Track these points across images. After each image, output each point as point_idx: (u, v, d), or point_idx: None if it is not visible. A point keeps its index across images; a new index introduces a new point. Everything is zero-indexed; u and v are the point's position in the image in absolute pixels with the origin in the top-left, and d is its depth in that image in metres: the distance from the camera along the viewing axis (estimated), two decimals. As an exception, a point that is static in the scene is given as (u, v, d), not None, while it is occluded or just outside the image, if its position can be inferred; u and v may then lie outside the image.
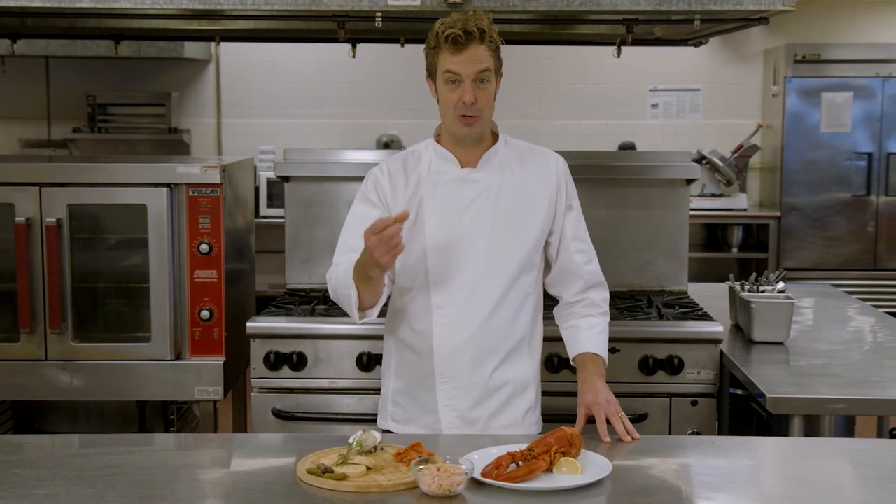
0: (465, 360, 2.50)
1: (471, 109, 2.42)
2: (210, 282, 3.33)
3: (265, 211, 6.54)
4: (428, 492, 1.97)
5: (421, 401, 2.56)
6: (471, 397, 2.52)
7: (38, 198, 3.30)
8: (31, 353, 3.34)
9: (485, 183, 2.51)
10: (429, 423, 2.55)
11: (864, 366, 3.08)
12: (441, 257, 2.49)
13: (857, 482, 2.16)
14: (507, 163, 2.54)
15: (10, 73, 6.98)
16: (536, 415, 2.61)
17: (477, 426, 2.52)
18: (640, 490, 2.04)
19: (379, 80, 7.19)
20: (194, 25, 3.91)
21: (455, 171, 2.52)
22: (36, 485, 2.05)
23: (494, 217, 2.50)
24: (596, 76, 7.30)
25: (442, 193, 2.51)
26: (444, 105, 2.47)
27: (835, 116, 6.73)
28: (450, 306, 2.50)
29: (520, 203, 2.52)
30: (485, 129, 2.50)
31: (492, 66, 2.43)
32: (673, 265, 3.77)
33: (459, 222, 2.50)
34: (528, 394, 2.57)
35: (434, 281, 2.50)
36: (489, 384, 2.52)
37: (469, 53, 2.39)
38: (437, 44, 2.42)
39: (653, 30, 3.96)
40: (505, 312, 2.50)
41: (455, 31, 2.37)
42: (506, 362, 2.53)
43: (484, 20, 2.42)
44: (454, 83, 2.42)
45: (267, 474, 2.15)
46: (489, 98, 2.45)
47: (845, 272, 6.77)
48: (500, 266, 2.50)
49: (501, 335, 2.52)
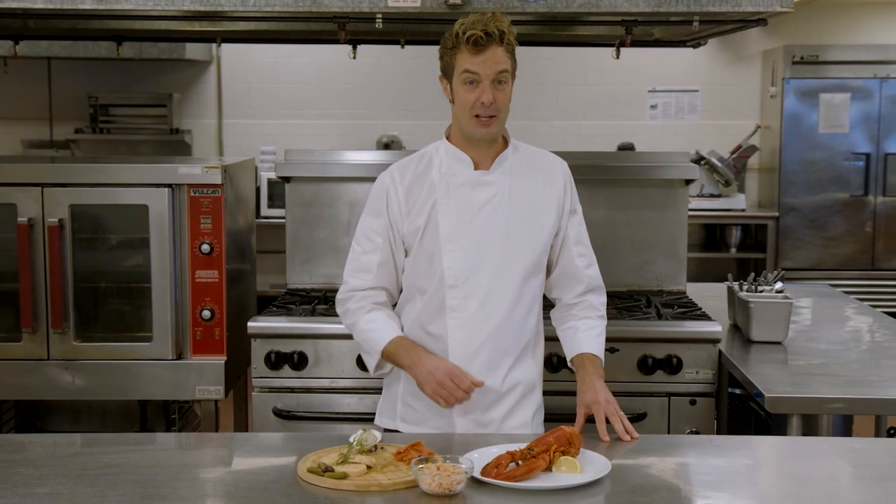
0: (480, 363, 2.50)
1: (488, 110, 2.42)
2: (211, 282, 3.34)
3: (266, 211, 6.56)
4: (428, 490, 1.98)
5: (433, 403, 2.53)
6: (486, 400, 2.51)
7: (40, 198, 3.31)
8: (34, 353, 3.35)
9: (498, 185, 2.51)
10: (440, 426, 2.54)
11: (861, 365, 3.08)
12: (456, 260, 2.48)
13: (854, 481, 2.17)
14: (517, 166, 2.54)
15: (13, 74, 7.00)
16: (542, 415, 2.62)
17: (490, 428, 2.52)
18: (639, 489, 2.05)
19: (379, 81, 7.20)
20: (195, 27, 3.91)
21: (468, 172, 2.51)
22: (38, 484, 2.06)
23: (508, 220, 2.50)
24: (595, 77, 7.31)
25: (456, 196, 2.50)
26: (460, 105, 2.45)
27: (833, 117, 6.74)
28: (465, 309, 2.49)
29: (530, 206, 2.52)
30: (501, 130, 2.51)
31: (509, 68, 2.44)
32: (672, 265, 3.78)
33: (473, 225, 2.49)
34: (535, 394, 2.59)
35: (449, 284, 2.49)
36: (502, 387, 2.52)
37: (489, 54, 2.39)
38: (455, 44, 2.41)
39: (651, 31, 3.96)
40: (518, 315, 2.51)
41: (476, 32, 2.37)
42: (517, 364, 2.54)
43: (504, 22, 2.42)
44: (472, 83, 2.41)
45: (268, 473, 2.16)
46: (506, 99, 2.45)
47: (843, 272, 6.78)
48: (514, 269, 2.50)
49: (514, 338, 2.52)
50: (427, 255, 2.51)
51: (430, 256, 2.50)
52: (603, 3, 3.08)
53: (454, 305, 2.49)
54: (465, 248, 2.48)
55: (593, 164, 3.86)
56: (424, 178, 2.53)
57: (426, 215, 2.50)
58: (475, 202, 2.50)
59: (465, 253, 2.48)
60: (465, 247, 2.48)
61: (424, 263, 2.51)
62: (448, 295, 2.49)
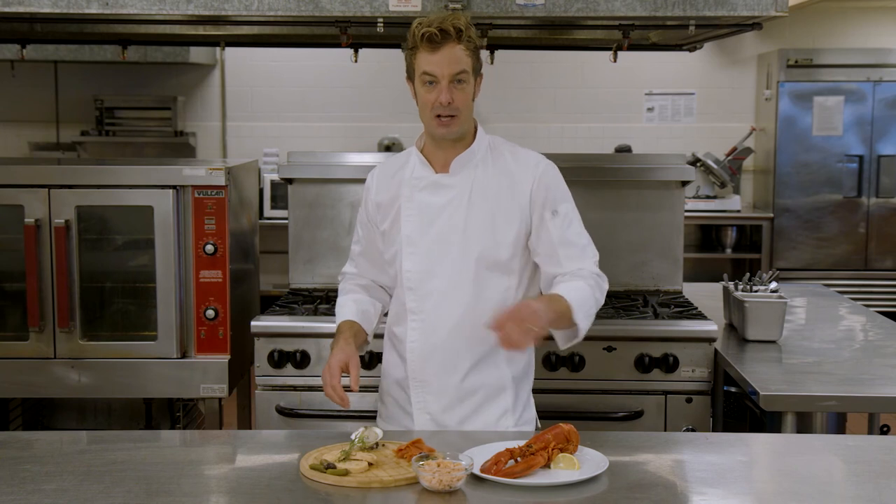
0: (436, 365, 2.50)
1: (447, 109, 2.39)
2: (215, 282, 3.35)
3: (269, 212, 6.56)
4: (428, 487, 2.00)
5: (399, 401, 2.58)
6: (441, 402, 2.51)
7: (47, 199, 3.32)
8: (40, 352, 3.36)
9: (457, 189, 2.49)
10: (406, 424, 2.56)
11: (855, 364, 3.09)
12: (413, 263, 2.50)
13: (848, 477, 2.17)
14: (482, 165, 2.51)
15: (20, 77, 7.00)
16: (515, 417, 2.55)
17: (448, 429, 2.51)
18: (636, 485, 2.06)
19: (380, 84, 7.21)
20: (200, 31, 3.90)
21: (429, 176, 2.51)
22: (45, 480, 2.07)
23: (465, 223, 2.47)
24: (592, 80, 7.32)
25: (416, 199, 2.51)
26: (421, 106, 2.44)
27: (826, 120, 6.76)
28: (422, 311, 2.50)
29: (494, 208, 2.48)
30: (463, 130, 2.47)
31: (469, 68, 2.40)
32: (668, 265, 3.80)
33: (431, 228, 2.49)
34: (503, 397, 2.53)
35: (407, 287, 2.51)
36: (460, 389, 2.50)
37: (445, 53, 2.36)
38: (414, 44, 2.39)
39: (648, 35, 3.97)
40: (477, 317, 2.43)
41: (431, 29, 2.34)
42: (478, 367, 2.50)
43: (461, 20, 2.38)
44: (431, 84, 2.39)
45: (271, 470, 2.18)
46: (467, 98, 2.42)
47: (837, 272, 6.80)
48: (471, 272, 2.47)
49: (473, 341, 2.48)
50: (392, 258, 2.55)
51: (393, 259, 2.54)
52: (600, 7, 3.06)
53: (412, 307, 2.51)
54: (422, 251, 2.49)
55: (591, 165, 3.88)
56: (396, 180, 2.56)
57: (391, 219, 2.53)
58: (433, 205, 2.49)
59: (423, 256, 2.49)
60: (422, 249, 2.49)
61: (392, 266, 2.56)
62: (407, 297, 2.51)
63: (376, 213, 2.59)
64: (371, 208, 2.60)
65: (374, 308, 2.65)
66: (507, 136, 2.66)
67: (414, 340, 2.52)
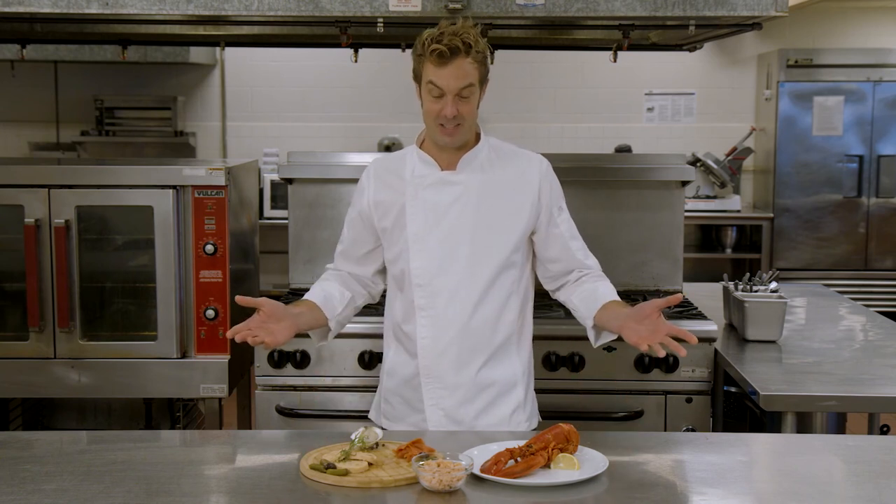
0: (449, 361, 2.52)
1: (452, 121, 2.42)
2: (215, 282, 3.35)
3: (269, 212, 6.56)
4: (428, 487, 2.00)
5: (409, 399, 2.58)
6: (456, 397, 2.53)
7: (47, 199, 3.32)
8: (40, 352, 3.36)
9: (465, 185, 2.51)
10: (416, 422, 2.57)
11: (855, 364, 3.09)
12: (422, 260, 2.51)
13: (848, 477, 2.18)
14: (488, 164, 2.54)
15: (20, 77, 7.00)
16: (526, 412, 2.60)
17: (463, 425, 2.53)
18: (636, 485, 2.06)
19: (380, 84, 7.21)
20: (200, 31, 3.90)
21: (435, 174, 2.53)
22: (45, 480, 2.07)
23: (475, 219, 2.50)
24: (592, 80, 7.33)
25: (422, 197, 2.52)
26: (426, 112, 2.47)
27: (826, 120, 6.77)
28: (432, 308, 2.51)
29: (501, 204, 2.52)
30: (466, 137, 2.50)
31: (476, 80, 2.42)
32: (668, 265, 3.80)
33: (440, 225, 2.51)
34: (515, 392, 2.57)
35: (417, 284, 2.52)
36: (475, 384, 2.53)
37: (453, 68, 2.38)
38: (422, 52, 2.41)
39: (648, 35, 3.97)
40: (488, 313, 2.51)
41: (440, 47, 2.35)
42: (491, 362, 2.53)
43: (471, 33, 2.39)
44: (437, 96, 2.41)
45: (271, 470, 2.18)
46: (471, 109, 2.45)
47: (837, 272, 6.80)
48: (481, 267, 2.50)
49: (485, 335, 2.52)
50: (398, 255, 2.55)
51: (401, 257, 2.54)
52: (600, 7, 3.07)
53: (422, 304, 2.52)
54: (432, 248, 2.50)
55: (591, 165, 3.87)
56: (396, 178, 2.56)
57: (395, 216, 2.53)
58: (442, 203, 2.51)
59: (432, 252, 2.50)
60: (432, 246, 2.50)
61: (398, 264, 2.56)
62: (416, 294, 2.52)
63: (374, 211, 2.58)
64: (367, 207, 2.60)
65: (340, 294, 2.63)
66: (507, 136, 2.67)
67: (425, 337, 2.53)
